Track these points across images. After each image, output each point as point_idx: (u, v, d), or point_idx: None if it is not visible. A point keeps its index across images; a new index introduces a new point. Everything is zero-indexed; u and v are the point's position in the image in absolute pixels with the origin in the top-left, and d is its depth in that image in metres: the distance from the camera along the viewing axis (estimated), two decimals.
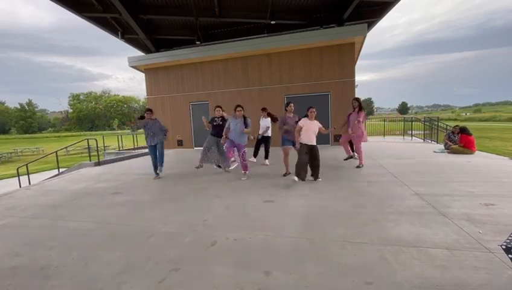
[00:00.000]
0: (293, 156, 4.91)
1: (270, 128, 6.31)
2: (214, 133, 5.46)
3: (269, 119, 6.15)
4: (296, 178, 4.35)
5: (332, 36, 8.97)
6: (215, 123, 5.46)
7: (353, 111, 5.76)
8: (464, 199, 3.38)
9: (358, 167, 5.64)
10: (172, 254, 2.37)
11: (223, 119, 5.46)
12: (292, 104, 5.18)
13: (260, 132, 6.35)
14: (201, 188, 4.63)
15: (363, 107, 5.78)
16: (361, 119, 5.56)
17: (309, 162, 4.62)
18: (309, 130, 4.55)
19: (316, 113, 4.61)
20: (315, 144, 4.62)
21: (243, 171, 5.17)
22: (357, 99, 5.73)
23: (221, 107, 5.55)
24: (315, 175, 4.72)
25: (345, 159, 6.17)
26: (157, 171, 5.72)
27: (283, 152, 5.23)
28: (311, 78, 9.79)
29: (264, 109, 6.36)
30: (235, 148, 5.21)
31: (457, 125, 7.86)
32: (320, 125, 4.71)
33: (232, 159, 6.18)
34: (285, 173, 5.26)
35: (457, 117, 56.14)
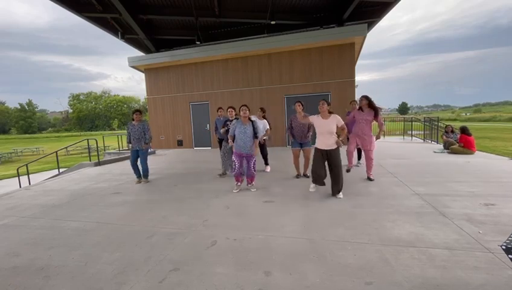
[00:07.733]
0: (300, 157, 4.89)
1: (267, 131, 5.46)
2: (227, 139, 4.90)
3: (265, 121, 5.47)
4: (312, 187, 4.03)
5: (332, 36, 8.97)
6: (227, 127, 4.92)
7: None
8: (464, 199, 3.38)
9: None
10: (172, 254, 2.37)
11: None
12: (297, 104, 4.49)
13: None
14: (201, 188, 4.63)
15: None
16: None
17: (329, 171, 3.76)
18: (322, 130, 3.65)
19: (328, 105, 3.64)
20: (333, 147, 3.64)
21: (249, 183, 4.35)
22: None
23: (234, 109, 5.04)
24: (333, 189, 3.71)
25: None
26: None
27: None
28: (311, 78, 9.80)
29: (261, 109, 5.62)
30: (244, 159, 4.22)
31: (449, 125, 7.94)
32: (341, 122, 3.64)
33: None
34: (297, 175, 5.11)
35: (457, 117, 56.07)
